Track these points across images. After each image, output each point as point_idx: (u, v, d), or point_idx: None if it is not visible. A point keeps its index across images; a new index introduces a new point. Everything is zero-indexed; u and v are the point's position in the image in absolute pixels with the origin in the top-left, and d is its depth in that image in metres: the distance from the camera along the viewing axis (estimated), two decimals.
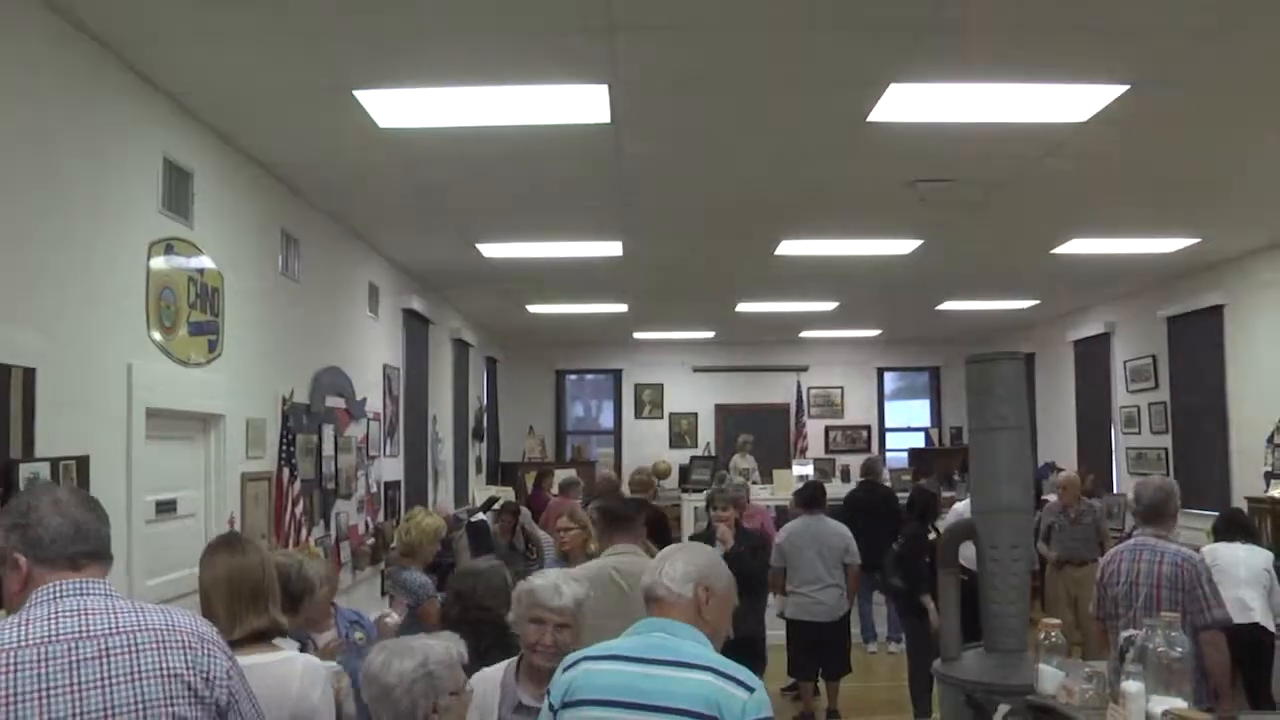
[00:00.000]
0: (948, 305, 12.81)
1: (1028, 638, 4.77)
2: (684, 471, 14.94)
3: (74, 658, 2.11)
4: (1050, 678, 3.98)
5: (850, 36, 4.47)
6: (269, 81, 4.96)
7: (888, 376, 17.94)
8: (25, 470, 3.71)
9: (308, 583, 4.04)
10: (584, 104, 5.21)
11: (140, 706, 2.14)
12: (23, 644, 2.09)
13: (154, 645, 2.21)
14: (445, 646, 2.86)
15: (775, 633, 8.21)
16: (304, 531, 6.59)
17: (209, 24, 4.27)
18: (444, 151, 6.04)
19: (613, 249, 8.94)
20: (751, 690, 2.61)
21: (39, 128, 3.97)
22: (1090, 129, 5.54)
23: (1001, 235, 8.55)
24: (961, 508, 8.23)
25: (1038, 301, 12.69)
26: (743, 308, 12.84)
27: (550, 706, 2.79)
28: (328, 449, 7.43)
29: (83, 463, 4.12)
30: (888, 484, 11.71)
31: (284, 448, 6.44)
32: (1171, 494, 5.06)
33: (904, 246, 8.90)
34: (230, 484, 5.77)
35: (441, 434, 11.85)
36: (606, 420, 17.98)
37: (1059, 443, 13.81)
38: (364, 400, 8.40)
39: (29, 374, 3.78)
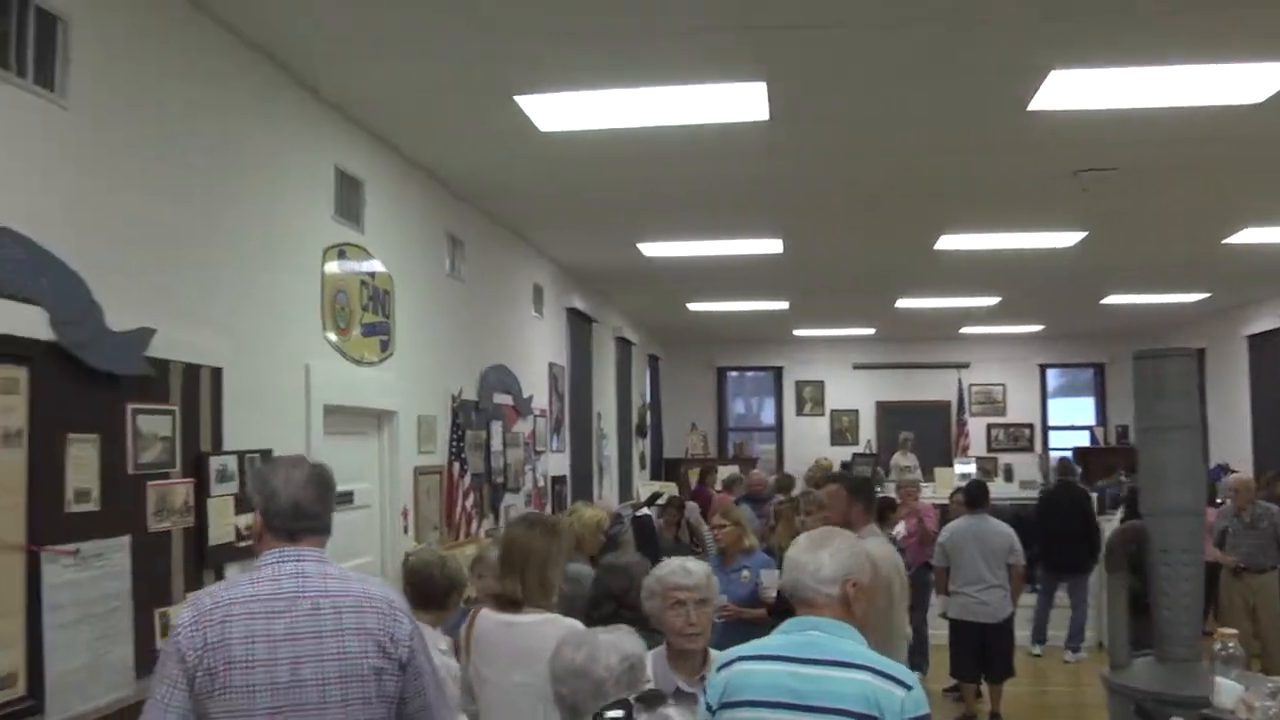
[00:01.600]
0: (1113, 299, 12.38)
1: (1200, 647, 4.60)
2: (845, 469, 14.82)
3: (295, 613, 2.52)
4: (1228, 691, 3.76)
5: (1010, 24, 4.37)
6: (433, 91, 5.15)
7: (1050, 373, 17.44)
8: (214, 463, 3.95)
9: (452, 580, 4.19)
10: (742, 102, 5.22)
11: (343, 655, 2.53)
12: (252, 599, 2.52)
13: (353, 608, 2.58)
14: (632, 639, 2.90)
15: (937, 632, 8.07)
16: (474, 524, 6.80)
17: (375, 41, 4.48)
18: (604, 153, 6.14)
19: (773, 246, 8.93)
20: (909, 688, 2.58)
21: (221, 143, 4.22)
22: (1266, 111, 5.27)
23: (1169, 225, 8.19)
24: None
25: (1208, 294, 12.11)
26: (903, 304, 12.66)
27: (708, 706, 2.78)
28: (496, 444, 7.64)
29: (265, 456, 4.34)
30: (1082, 485, 11.38)
31: (454, 443, 6.66)
32: None
33: (1067, 239, 8.63)
34: (403, 478, 6.00)
35: (606, 430, 12.02)
36: (768, 417, 17.95)
37: (1232, 443, 13.02)
38: (530, 397, 8.60)
39: (216, 373, 4.02)
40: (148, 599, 3.54)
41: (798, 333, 16.03)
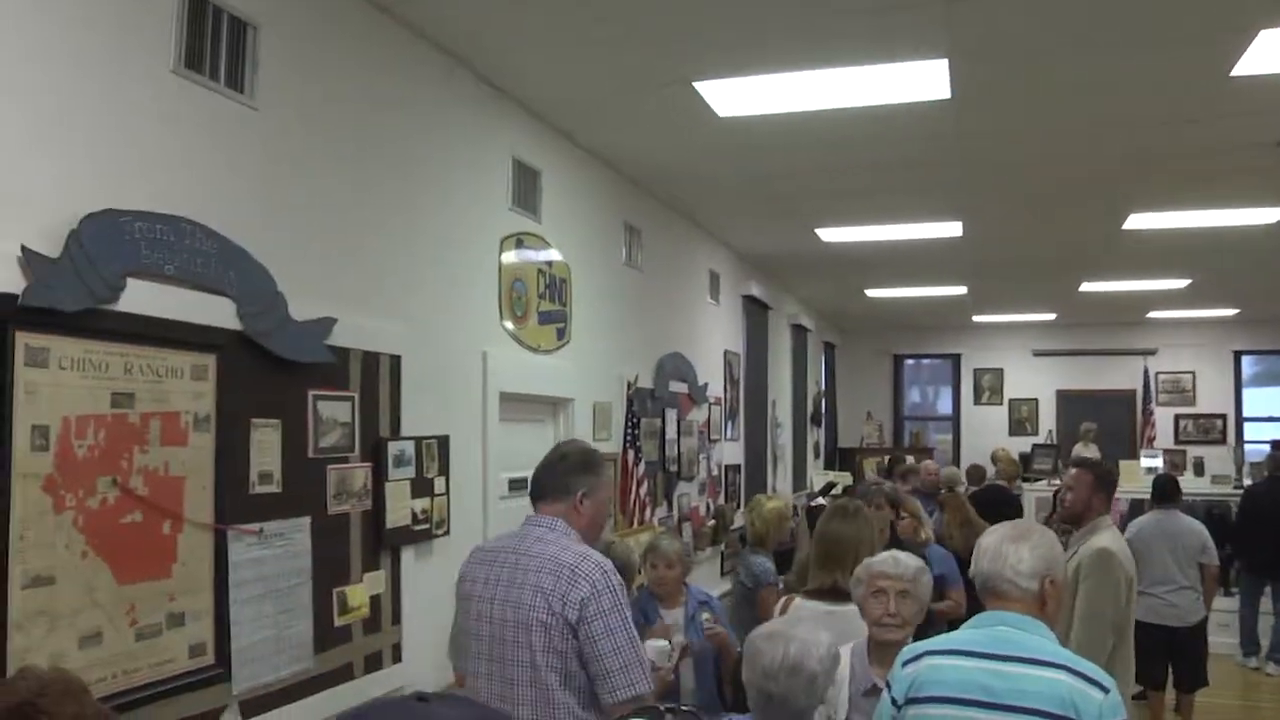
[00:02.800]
0: None
1: None
2: (1024, 460, 14.31)
3: (499, 564, 3.12)
4: None
5: None
6: (609, 80, 5.18)
7: (1245, 360, 16.27)
8: (393, 448, 4.08)
9: (620, 564, 4.22)
10: (923, 80, 5.08)
11: (519, 605, 3.01)
12: (493, 549, 3.23)
13: (537, 569, 3.03)
14: (817, 627, 2.90)
15: None
16: (648, 511, 6.85)
17: (550, 31, 4.53)
18: (781, 138, 6.07)
19: (952, 229, 8.70)
20: (1107, 691, 2.50)
21: (401, 138, 4.36)
22: None
23: None
24: None
25: None
26: (1086, 287, 12.12)
27: (893, 701, 2.73)
28: (670, 432, 7.67)
29: (443, 442, 4.47)
30: None
31: (629, 430, 6.71)
32: None
33: (1269, 215, 8.06)
34: None
35: (780, 419, 11.95)
36: (944, 406, 17.53)
37: None
38: (705, 385, 8.61)
39: (395, 361, 4.15)
40: (327, 578, 3.69)
41: (976, 319, 15.59)
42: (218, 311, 3.19)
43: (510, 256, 5.26)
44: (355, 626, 3.87)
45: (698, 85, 5.16)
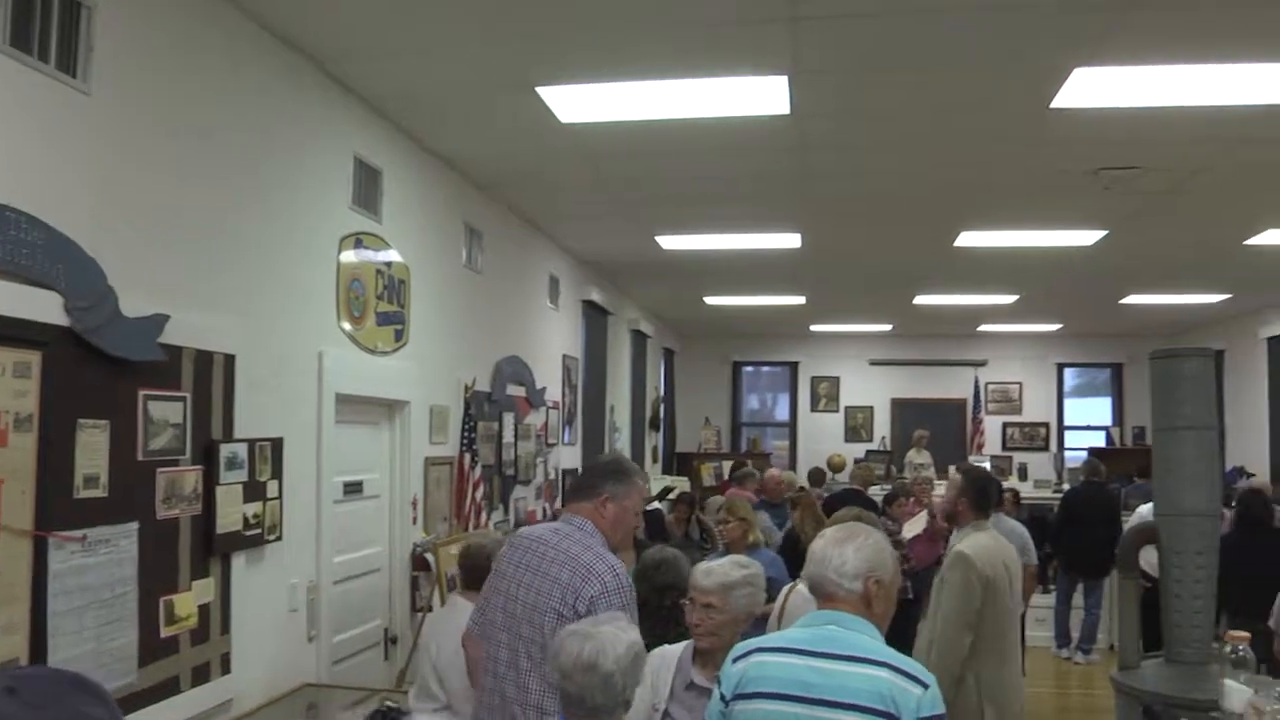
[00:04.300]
0: (1132, 299, 12.26)
1: (1211, 650, 4.57)
2: (858, 465, 14.76)
3: (532, 552, 3.44)
4: (1237, 694, 3.72)
5: (1034, 21, 4.33)
6: (453, 81, 5.14)
7: (1068, 372, 17.29)
8: (225, 450, 3.95)
9: None
10: (764, 95, 5.20)
11: (539, 592, 3.32)
12: (522, 537, 3.58)
13: (560, 562, 3.35)
14: (632, 628, 2.91)
15: None
16: (484, 515, 6.79)
17: (397, 30, 4.47)
18: (624, 145, 6.12)
19: (791, 240, 8.90)
20: (926, 686, 2.57)
21: (240, 131, 4.22)
22: None
23: (1191, 225, 8.09)
24: (1146, 510, 7.87)
25: (1229, 296, 11.96)
26: (920, 300, 12.60)
27: (721, 697, 2.78)
28: (508, 436, 7.64)
29: (277, 444, 4.36)
30: (1114, 486, 11.29)
31: (466, 434, 6.66)
32: None
33: (1087, 237, 8.55)
34: (414, 468, 6.00)
35: (619, 423, 12.02)
36: (782, 413, 17.89)
37: (1249, 446, 12.91)
38: (543, 389, 8.60)
39: (229, 360, 4.03)
40: (154, 587, 3.55)
41: (814, 328, 15.98)
42: (44, 306, 3.04)
43: (349, 256, 5.16)
44: (183, 637, 3.72)
45: (541, 91, 5.16)
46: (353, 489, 5.34)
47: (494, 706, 3.37)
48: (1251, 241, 8.56)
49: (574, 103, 5.34)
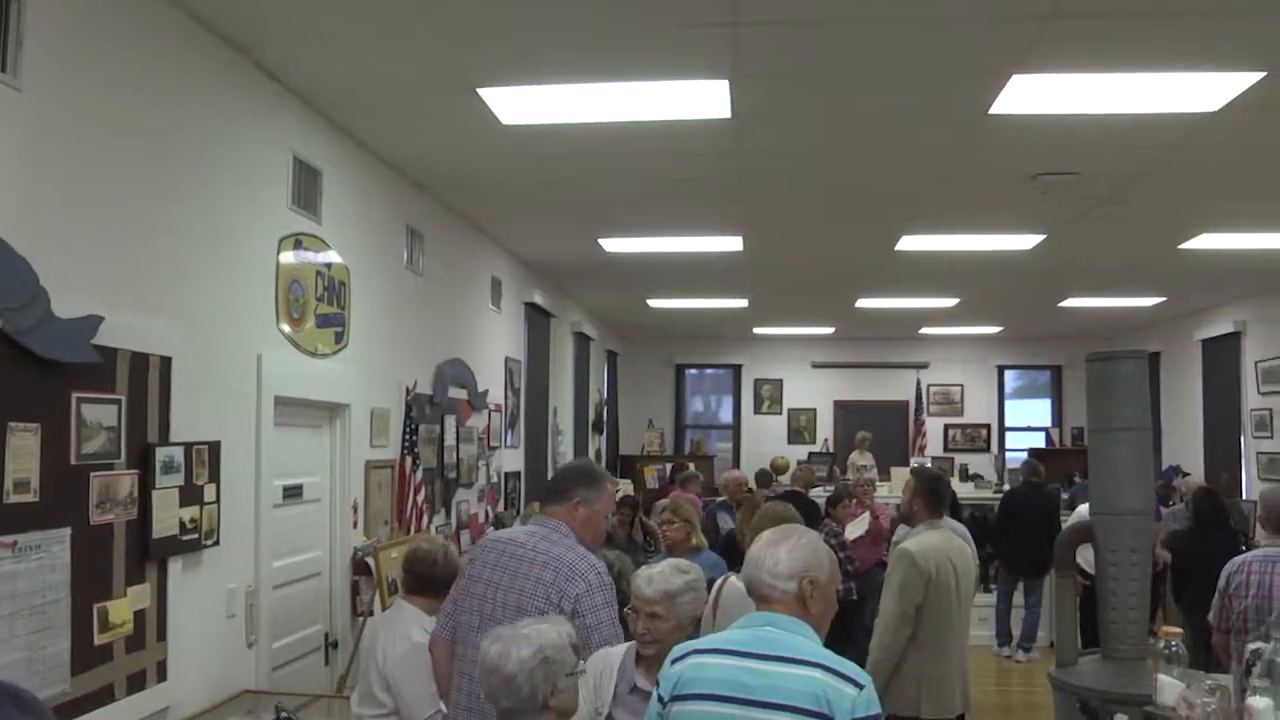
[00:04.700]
0: (1070, 302, 12.49)
1: (1146, 646, 4.65)
2: (801, 467, 14.85)
3: (508, 554, 3.53)
4: (1170, 689, 3.83)
5: (972, 27, 4.38)
6: (394, 81, 5.09)
7: (1008, 375, 17.55)
8: (161, 454, 3.89)
9: (452, 567, 4.23)
10: (705, 99, 5.21)
11: (521, 593, 3.41)
12: (495, 540, 3.70)
13: (539, 563, 3.46)
14: (556, 630, 2.89)
15: None
16: (425, 519, 6.74)
17: (337, 27, 4.42)
18: (566, 147, 6.11)
19: (733, 244, 8.94)
20: (861, 687, 2.58)
21: (178, 128, 4.15)
22: (1222, 118, 5.32)
23: (1127, 230, 8.24)
24: (1084, 510, 8.00)
25: (1164, 299, 12.24)
26: (863, 303, 12.72)
27: (659, 699, 2.79)
28: (449, 439, 7.59)
29: (214, 448, 4.29)
30: (1053, 486, 11.44)
31: (407, 437, 6.60)
32: None
33: (1026, 241, 8.69)
34: (355, 471, 5.94)
35: (562, 426, 11.99)
36: (725, 415, 17.97)
37: (1184, 446, 13.24)
38: (486, 392, 8.55)
39: (165, 362, 3.96)
40: (87, 593, 3.48)
41: (757, 331, 16.07)
42: None
43: (288, 257, 5.10)
44: (117, 644, 3.65)
45: (482, 92, 5.13)
46: (292, 493, 5.27)
47: (471, 709, 3.40)
48: (1186, 245, 8.74)
49: (515, 104, 5.32)
